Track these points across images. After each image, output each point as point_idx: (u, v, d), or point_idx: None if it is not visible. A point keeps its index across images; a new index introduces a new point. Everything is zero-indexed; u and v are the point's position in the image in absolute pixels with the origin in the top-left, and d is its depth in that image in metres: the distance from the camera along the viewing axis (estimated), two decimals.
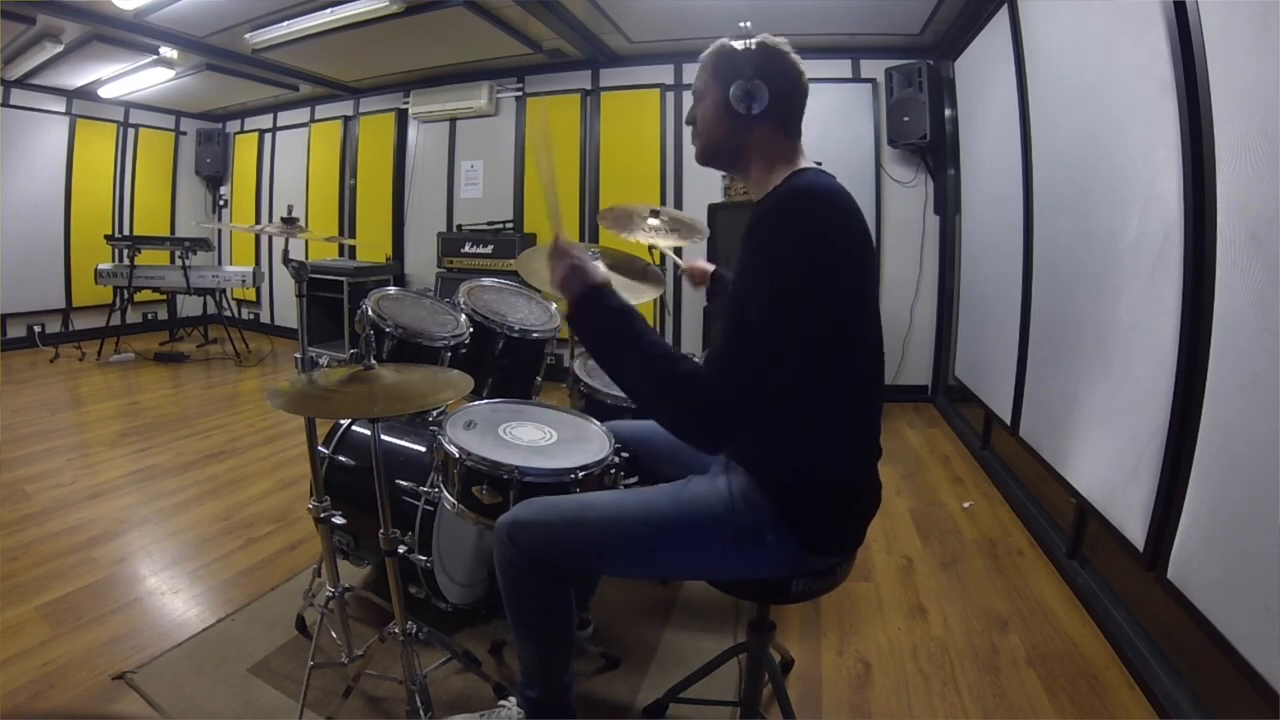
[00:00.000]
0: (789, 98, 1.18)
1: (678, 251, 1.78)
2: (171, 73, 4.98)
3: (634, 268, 2.04)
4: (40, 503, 2.62)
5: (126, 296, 5.27)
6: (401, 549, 1.46)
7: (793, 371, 1.05)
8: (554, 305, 2.28)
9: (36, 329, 5.65)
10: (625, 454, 1.49)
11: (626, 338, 1.08)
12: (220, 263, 6.73)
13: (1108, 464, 1.98)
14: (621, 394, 1.91)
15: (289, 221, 1.57)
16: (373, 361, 1.36)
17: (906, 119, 4.08)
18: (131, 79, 5.19)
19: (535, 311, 2.25)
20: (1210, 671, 1.56)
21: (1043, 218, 2.64)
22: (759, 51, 1.15)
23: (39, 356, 5.25)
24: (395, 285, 4.41)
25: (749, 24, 1.17)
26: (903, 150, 4.29)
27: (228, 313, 5.67)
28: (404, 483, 1.72)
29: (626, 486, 1.51)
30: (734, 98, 1.15)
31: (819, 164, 1.19)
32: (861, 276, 1.10)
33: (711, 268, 1.75)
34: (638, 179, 4.77)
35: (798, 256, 1.02)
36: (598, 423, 1.63)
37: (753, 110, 1.14)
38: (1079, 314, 2.24)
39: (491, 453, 1.40)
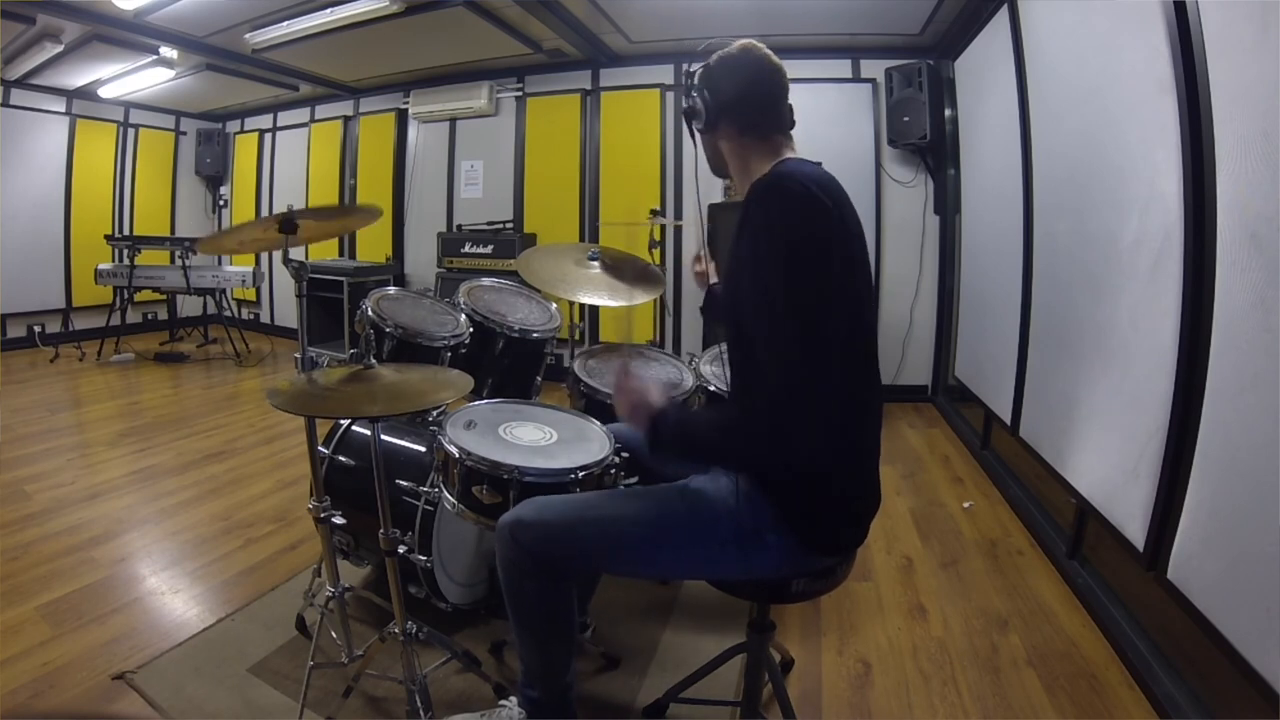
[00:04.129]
0: (739, 99, 1.19)
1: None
2: (171, 73, 4.97)
3: (634, 268, 2.04)
4: (40, 503, 2.62)
5: (126, 296, 5.27)
6: (401, 549, 1.46)
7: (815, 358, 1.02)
8: (554, 305, 2.28)
9: (36, 329, 5.65)
10: (625, 454, 1.49)
11: (694, 441, 1.15)
12: (220, 263, 6.71)
13: (1108, 464, 1.98)
14: None
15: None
16: (372, 361, 1.36)
17: (906, 119, 4.08)
18: (131, 79, 5.19)
19: (535, 311, 2.25)
20: (1210, 671, 1.56)
21: (1043, 218, 2.64)
22: (704, 67, 1.22)
23: (39, 356, 5.24)
24: (395, 285, 4.41)
25: (704, 46, 1.24)
26: (903, 150, 4.29)
27: (228, 313, 5.67)
28: (404, 483, 1.72)
29: (627, 486, 1.51)
30: (687, 117, 1.24)
31: (818, 164, 1.18)
32: (847, 262, 1.07)
33: (714, 280, 1.76)
34: (638, 179, 4.77)
35: (773, 246, 1.01)
36: (598, 423, 1.63)
37: (699, 125, 1.23)
38: (1079, 314, 2.24)
39: (491, 453, 1.40)
